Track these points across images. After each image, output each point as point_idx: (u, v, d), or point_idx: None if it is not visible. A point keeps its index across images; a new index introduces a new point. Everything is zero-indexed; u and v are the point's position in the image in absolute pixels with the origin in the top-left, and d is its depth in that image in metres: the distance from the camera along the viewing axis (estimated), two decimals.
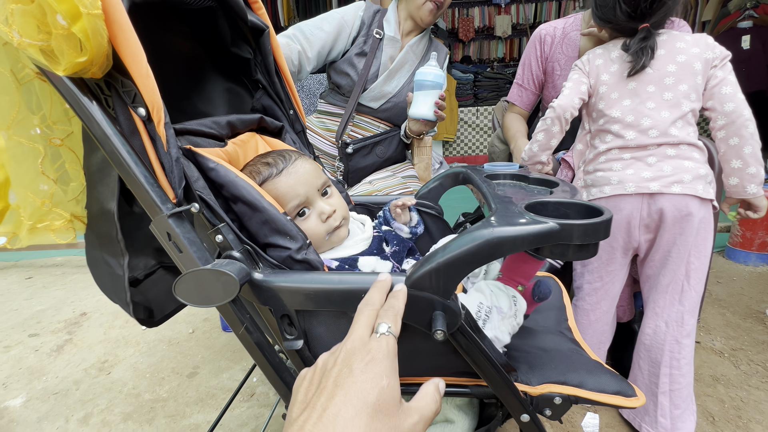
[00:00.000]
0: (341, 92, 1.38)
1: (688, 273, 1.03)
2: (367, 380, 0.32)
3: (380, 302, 0.43)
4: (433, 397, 0.38)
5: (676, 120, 0.98)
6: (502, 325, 0.60)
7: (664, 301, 1.06)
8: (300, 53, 1.26)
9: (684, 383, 1.04)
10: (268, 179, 0.65)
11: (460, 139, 5.13)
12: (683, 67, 0.98)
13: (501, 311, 0.61)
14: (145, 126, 0.45)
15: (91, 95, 0.44)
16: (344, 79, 1.34)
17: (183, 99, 0.78)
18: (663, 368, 1.05)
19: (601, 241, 0.53)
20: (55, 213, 0.53)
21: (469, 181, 0.84)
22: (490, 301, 0.62)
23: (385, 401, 0.32)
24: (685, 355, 1.04)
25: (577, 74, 1.10)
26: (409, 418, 0.34)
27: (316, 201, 0.68)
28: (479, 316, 0.60)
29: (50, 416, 1.39)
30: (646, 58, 0.98)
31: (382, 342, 0.37)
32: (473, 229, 0.47)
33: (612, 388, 0.58)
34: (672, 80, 0.98)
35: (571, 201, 0.54)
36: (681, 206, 0.98)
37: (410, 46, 1.36)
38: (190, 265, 0.46)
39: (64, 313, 2.10)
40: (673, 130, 0.98)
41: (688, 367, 1.05)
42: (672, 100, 0.98)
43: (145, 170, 0.45)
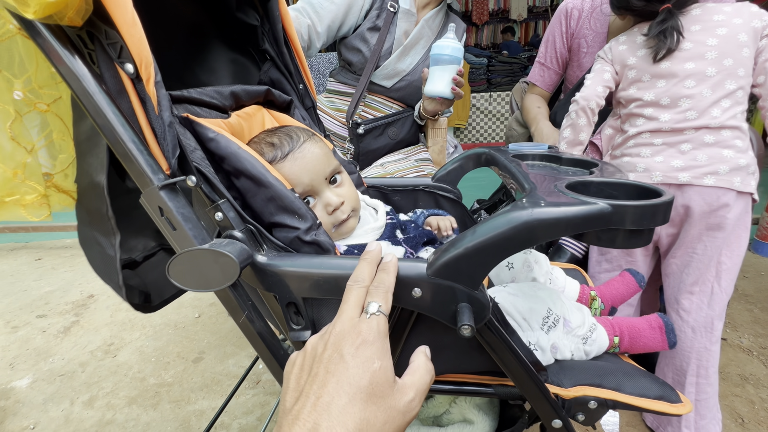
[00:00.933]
0: (352, 70, 1.30)
1: (719, 274, 0.94)
2: (358, 365, 0.32)
3: (369, 277, 0.41)
4: (426, 367, 0.38)
5: (721, 99, 0.89)
6: (565, 339, 0.55)
7: (690, 303, 0.97)
8: (310, 27, 1.18)
9: (711, 392, 0.98)
10: (271, 163, 0.58)
11: (472, 125, 5.00)
12: (726, 39, 0.88)
13: (568, 325, 0.56)
14: (133, 85, 0.39)
15: (72, 48, 0.38)
16: (356, 55, 1.27)
17: (183, 69, 0.72)
18: (689, 377, 0.98)
19: None
20: (27, 186, 0.48)
21: (493, 163, 0.77)
22: (560, 311, 0.56)
23: (379, 384, 0.32)
24: (713, 363, 0.97)
25: (599, 64, 1.02)
26: (405, 396, 0.33)
27: (323, 191, 0.61)
28: (545, 322, 0.55)
29: (56, 398, 1.38)
30: (671, 41, 0.89)
31: (372, 323, 0.36)
32: (507, 210, 0.40)
33: (653, 392, 0.52)
34: (714, 54, 0.88)
35: (620, 181, 0.47)
36: (712, 200, 0.90)
37: (426, 20, 1.27)
38: (184, 244, 0.41)
39: (71, 295, 2.10)
40: (715, 111, 0.89)
41: (716, 376, 0.98)
42: (716, 76, 0.89)
43: (134, 135, 0.39)
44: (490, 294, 0.48)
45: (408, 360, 0.53)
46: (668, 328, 0.59)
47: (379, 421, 0.30)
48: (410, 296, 0.43)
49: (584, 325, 0.57)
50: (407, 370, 0.37)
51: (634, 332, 0.60)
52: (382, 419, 0.30)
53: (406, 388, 0.34)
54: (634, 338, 0.60)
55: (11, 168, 0.47)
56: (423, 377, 0.36)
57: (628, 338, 0.60)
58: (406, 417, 0.32)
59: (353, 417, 0.29)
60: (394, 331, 0.48)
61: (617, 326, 0.61)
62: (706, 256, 0.94)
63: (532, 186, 0.49)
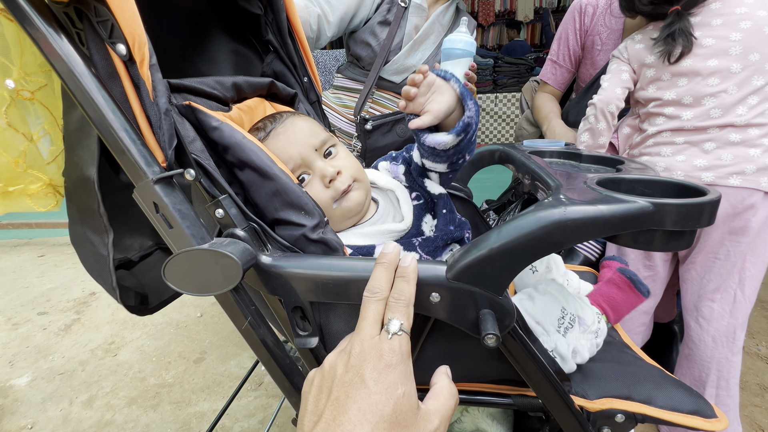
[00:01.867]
0: (361, 65, 1.27)
1: (743, 281, 0.90)
2: (381, 391, 0.30)
3: (388, 287, 0.37)
4: (450, 391, 0.36)
5: (748, 96, 0.84)
6: (583, 338, 0.51)
7: (711, 311, 0.92)
8: (320, 17, 1.16)
9: (731, 405, 0.93)
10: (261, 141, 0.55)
11: (479, 127, 4.95)
12: (751, 33, 0.83)
13: (584, 323, 0.52)
14: (126, 68, 0.36)
15: (58, 27, 0.35)
16: (365, 49, 1.23)
17: (182, 59, 0.69)
18: (709, 389, 0.93)
19: None
20: (30, 175, 0.45)
21: (507, 160, 0.73)
22: (574, 309, 0.53)
23: (403, 412, 0.30)
24: (734, 375, 0.92)
25: (615, 64, 0.97)
26: (429, 424, 0.31)
27: (315, 162, 0.54)
28: (561, 323, 0.51)
29: (54, 397, 1.35)
30: (684, 44, 0.84)
31: (394, 344, 0.33)
32: (534, 209, 0.37)
33: (687, 406, 0.48)
34: (739, 49, 0.83)
35: (656, 178, 0.43)
36: (737, 201, 0.85)
37: (437, 15, 1.25)
38: (182, 244, 0.38)
39: (73, 292, 2.08)
40: (741, 109, 0.85)
41: (736, 387, 0.93)
42: (741, 73, 0.84)
43: (126, 123, 0.35)
44: None
45: (423, 370, 0.49)
46: (634, 281, 0.58)
47: None
48: (428, 301, 0.39)
49: (595, 319, 0.54)
50: (429, 393, 0.35)
51: (612, 302, 0.59)
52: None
53: (430, 414, 0.32)
54: (614, 308, 0.59)
55: (12, 156, 0.44)
56: (447, 402, 0.34)
57: (611, 311, 0.59)
58: None
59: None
60: None
61: (597, 305, 0.60)
62: (729, 261, 0.89)
63: (558, 183, 0.45)
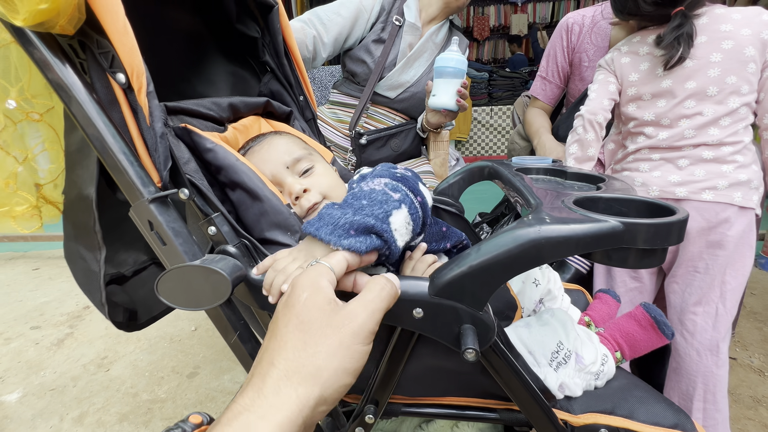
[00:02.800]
0: (356, 81, 1.31)
1: (723, 294, 0.91)
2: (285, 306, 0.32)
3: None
4: (379, 284, 0.35)
5: (721, 118, 0.87)
6: (577, 377, 0.52)
7: (694, 325, 0.93)
8: (315, 38, 1.19)
9: (719, 419, 0.93)
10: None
11: (473, 139, 5.02)
12: (731, 54, 0.85)
13: (581, 361, 0.53)
14: (125, 95, 0.38)
15: (64, 57, 0.37)
16: (360, 66, 1.27)
17: (181, 80, 0.71)
18: (696, 402, 0.93)
19: None
20: (18, 196, 0.46)
21: (496, 177, 0.76)
22: (572, 345, 0.53)
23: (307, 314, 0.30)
24: (720, 388, 0.93)
25: (602, 74, 1.00)
26: (352, 320, 0.31)
27: (285, 180, 0.55)
28: (554, 357, 0.52)
29: (45, 414, 1.34)
30: (685, 48, 0.85)
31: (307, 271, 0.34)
32: (513, 227, 0.38)
33: (668, 421, 0.49)
34: (717, 72, 0.85)
35: (630, 197, 0.45)
36: (710, 216, 0.87)
37: (430, 33, 1.27)
38: (175, 260, 0.39)
39: (67, 306, 2.07)
40: (714, 130, 0.87)
41: (724, 401, 0.93)
42: (717, 96, 0.86)
43: (124, 146, 0.37)
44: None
45: (409, 385, 0.50)
46: (658, 321, 0.57)
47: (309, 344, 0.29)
48: (411, 317, 0.40)
49: (597, 360, 0.54)
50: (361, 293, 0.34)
51: (631, 340, 0.58)
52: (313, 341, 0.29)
53: (353, 311, 0.32)
54: (632, 346, 0.58)
55: (2, 178, 0.45)
56: (377, 295, 0.34)
57: (627, 348, 0.58)
58: (344, 329, 0.30)
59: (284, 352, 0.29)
60: (393, 352, 0.46)
61: (613, 339, 0.59)
62: (709, 275, 0.91)
63: (538, 201, 0.47)
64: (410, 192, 0.44)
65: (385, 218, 0.39)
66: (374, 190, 0.42)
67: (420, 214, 0.44)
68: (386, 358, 0.46)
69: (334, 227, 0.37)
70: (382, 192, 0.41)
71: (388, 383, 0.48)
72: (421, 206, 0.44)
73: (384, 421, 0.69)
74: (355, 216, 0.38)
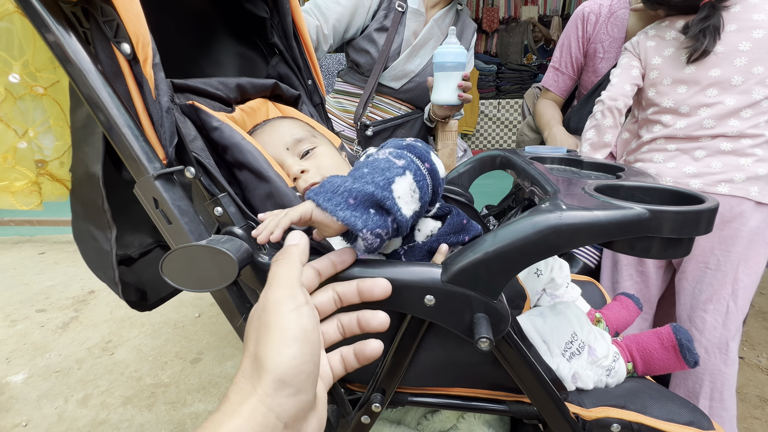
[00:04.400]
0: (360, 71, 1.27)
1: (735, 292, 0.88)
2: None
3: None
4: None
5: (743, 109, 0.84)
6: (589, 369, 0.51)
7: (703, 322, 0.91)
8: (318, 28, 1.17)
9: (726, 417, 0.91)
10: None
11: (480, 132, 4.97)
12: (760, 44, 0.82)
13: (593, 354, 0.52)
14: (130, 67, 0.36)
15: (67, 25, 0.35)
16: (363, 56, 1.23)
17: (188, 60, 0.70)
18: (702, 400, 0.92)
19: None
20: (17, 171, 0.45)
21: (508, 166, 0.74)
22: (586, 338, 0.52)
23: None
24: (728, 387, 0.91)
25: (626, 58, 0.96)
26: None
27: (285, 161, 0.54)
28: (568, 348, 0.51)
29: (50, 395, 1.35)
30: (710, 42, 0.82)
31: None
32: (531, 213, 0.37)
33: (683, 417, 0.48)
34: (744, 61, 0.83)
35: (654, 185, 0.43)
36: (725, 210, 0.84)
37: (435, 20, 1.23)
38: (180, 240, 0.38)
39: (72, 290, 2.08)
40: (734, 121, 0.84)
41: (732, 400, 0.91)
42: (741, 86, 0.83)
43: (129, 119, 0.36)
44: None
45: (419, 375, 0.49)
46: (683, 345, 0.53)
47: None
48: (422, 304, 0.39)
49: (609, 356, 0.52)
50: None
51: (647, 355, 0.55)
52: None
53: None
54: (647, 362, 0.55)
55: (1, 152, 0.44)
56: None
57: (641, 362, 0.56)
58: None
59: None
60: (402, 340, 0.45)
61: (627, 350, 0.56)
62: (720, 271, 0.89)
63: (556, 188, 0.45)
64: (416, 158, 0.41)
65: (386, 185, 0.36)
66: (378, 159, 0.39)
67: (428, 182, 0.41)
68: (395, 346, 0.45)
69: (333, 194, 0.35)
70: (385, 160, 0.39)
71: (396, 372, 0.47)
72: (429, 173, 0.41)
73: (388, 411, 0.69)
74: (355, 184, 0.35)
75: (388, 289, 0.36)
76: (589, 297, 0.77)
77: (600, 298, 0.81)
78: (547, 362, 0.48)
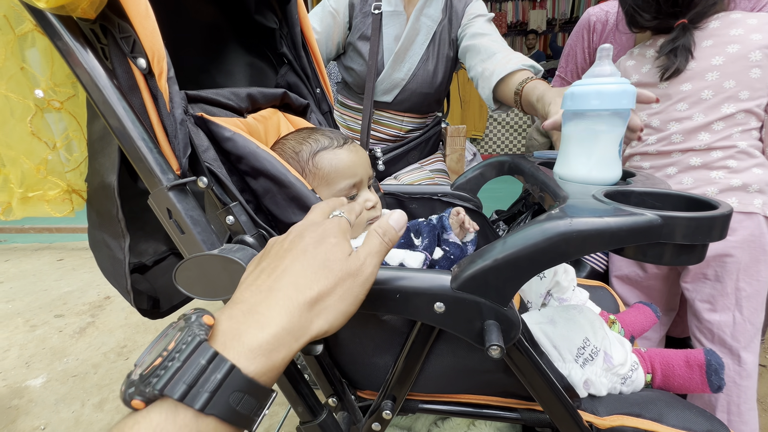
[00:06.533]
0: (352, 89, 1.19)
1: (739, 302, 0.85)
2: (314, 242, 0.33)
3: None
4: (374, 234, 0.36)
5: (713, 123, 0.82)
6: (604, 376, 0.50)
7: (711, 334, 0.89)
8: None
9: (747, 431, 0.89)
10: (327, 148, 0.58)
11: (489, 137, 4.95)
12: (734, 59, 0.80)
13: (609, 361, 0.50)
14: (145, 81, 0.37)
15: (85, 42, 0.37)
16: (349, 75, 1.14)
17: (200, 71, 0.71)
18: (719, 413, 0.88)
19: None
20: (50, 181, 0.47)
21: (517, 171, 0.73)
22: (600, 344, 0.51)
23: (332, 258, 0.32)
24: (745, 399, 0.87)
25: None
26: (356, 261, 0.33)
27: (364, 188, 0.61)
28: (581, 353, 0.50)
29: (67, 399, 1.38)
30: (681, 61, 0.82)
31: (333, 221, 0.36)
32: (542, 220, 0.37)
33: (700, 426, 0.46)
34: (716, 76, 0.81)
35: (666, 191, 0.43)
36: None
37: (417, 12, 1.07)
38: (193, 249, 0.39)
39: (89, 296, 2.13)
40: (703, 135, 0.83)
41: (751, 413, 0.88)
42: (711, 99, 0.82)
43: (144, 132, 0.37)
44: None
45: (429, 382, 0.49)
46: (710, 367, 0.51)
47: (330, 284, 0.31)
48: (432, 311, 0.39)
49: (626, 363, 0.51)
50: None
51: (668, 370, 0.54)
52: (333, 282, 0.31)
53: (358, 255, 0.34)
54: (667, 377, 0.54)
55: (34, 163, 0.46)
56: (373, 240, 0.36)
57: (660, 376, 0.54)
58: (357, 278, 0.33)
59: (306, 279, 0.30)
60: (412, 348, 0.45)
61: (649, 360, 0.55)
62: (720, 282, 0.86)
63: (566, 194, 0.45)
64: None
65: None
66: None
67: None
68: (405, 353, 0.45)
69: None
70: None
71: (406, 379, 0.47)
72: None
73: (398, 418, 0.68)
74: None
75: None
76: (600, 301, 0.76)
77: (612, 302, 0.80)
78: (559, 369, 0.47)
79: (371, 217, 0.60)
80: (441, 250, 0.59)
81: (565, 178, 0.55)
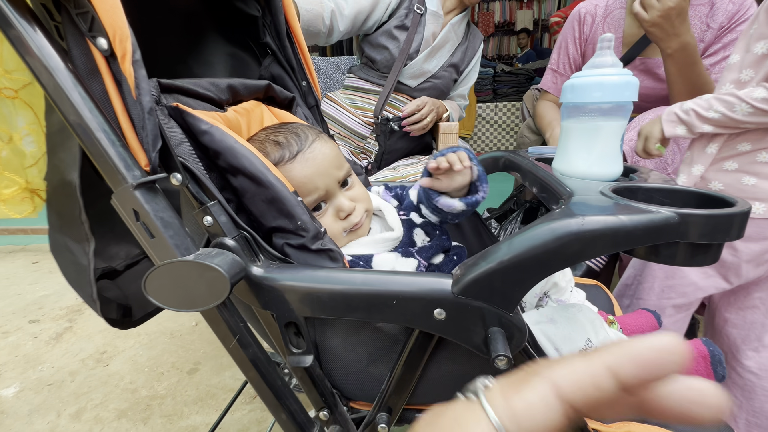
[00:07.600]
0: (376, 67, 1.29)
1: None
2: None
3: None
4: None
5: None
6: None
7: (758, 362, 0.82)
8: (333, 12, 1.18)
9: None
10: (278, 164, 0.52)
11: (478, 135, 4.95)
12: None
13: None
14: (107, 64, 0.33)
15: (32, 19, 0.32)
16: (381, 53, 1.26)
17: (176, 61, 0.66)
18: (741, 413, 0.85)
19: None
20: (5, 178, 0.42)
21: (512, 167, 0.71)
22: (601, 343, 0.49)
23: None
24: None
25: None
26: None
27: (337, 195, 0.55)
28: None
29: (42, 409, 1.31)
30: None
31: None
32: (548, 219, 0.34)
33: (709, 429, 0.45)
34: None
35: (675, 187, 0.40)
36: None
37: (452, 24, 1.28)
38: (165, 255, 0.35)
39: (66, 300, 2.03)
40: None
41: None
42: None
43: (104, 123, 0.33)
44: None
45: (426, 392, 0.46)
46: (714, 358, 0.51)
47: None
48: (431, 318, 0.36)
49: None
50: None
51: None
52: None
53: None
54: None
55: None
56: None
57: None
58: None
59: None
60: (410, 356, 0.42)
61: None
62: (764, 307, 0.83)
63: (571, 191, 0.42)
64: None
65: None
66: None
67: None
68: (401, 362, 0.42)
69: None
70: None
71: (403, 390, 0.43)
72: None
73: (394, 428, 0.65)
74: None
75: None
76: (595, 300, 0.74)
77: (607, 302, 0.78)
78: None
79: (352, 223, 0.55)
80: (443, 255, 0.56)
81: (565, 174, 0.53)
